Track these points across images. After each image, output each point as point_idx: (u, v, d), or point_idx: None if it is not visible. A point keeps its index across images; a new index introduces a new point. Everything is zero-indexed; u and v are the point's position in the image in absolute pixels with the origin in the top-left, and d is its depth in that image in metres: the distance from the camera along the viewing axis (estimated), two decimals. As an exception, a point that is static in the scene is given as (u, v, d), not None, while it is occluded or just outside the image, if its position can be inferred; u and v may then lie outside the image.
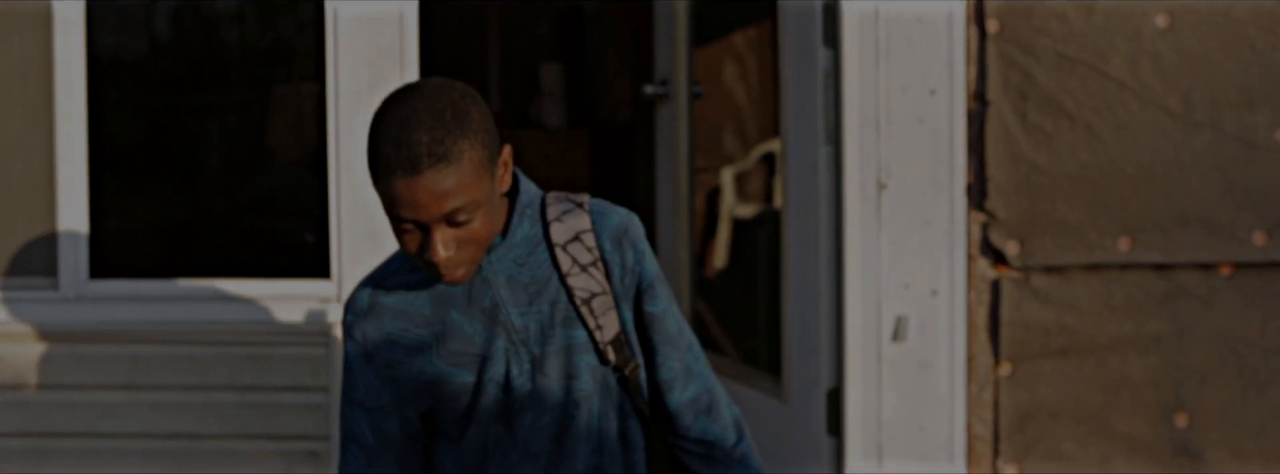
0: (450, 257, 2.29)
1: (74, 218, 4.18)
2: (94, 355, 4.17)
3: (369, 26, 4.09)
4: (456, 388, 2.44)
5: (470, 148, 2.26)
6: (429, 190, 2.22)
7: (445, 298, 2.44)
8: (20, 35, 4.23)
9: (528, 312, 2.43)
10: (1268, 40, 3.98)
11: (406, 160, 2.22)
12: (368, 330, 2.45)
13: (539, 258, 2.44)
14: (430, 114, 2.25)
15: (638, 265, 2.47)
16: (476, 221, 2.29)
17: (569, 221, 2.44)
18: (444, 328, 2.43)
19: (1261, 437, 4.02)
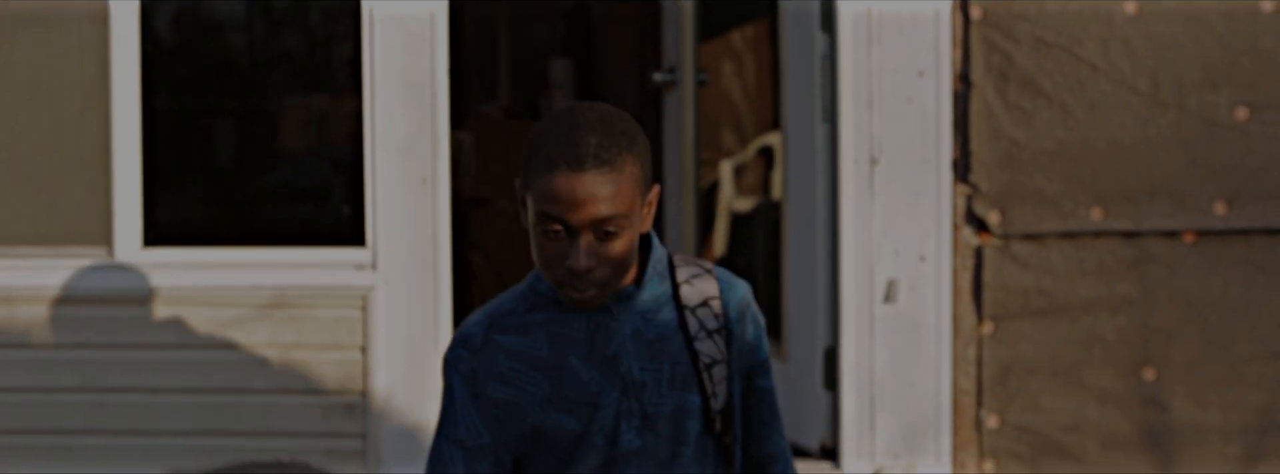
0: (590, 270, 2.20)
1: (128, 192, 4.38)
2: (147, 317, 4.38)
3: (403, 24, 4.31)
4: (562, 435, 2.31)
5: (632, 164, 2.22)
6: (588, 190, 2.16)
7: (565, 342, 2.31)
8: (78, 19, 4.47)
9: (648, 368, 2.31)
10: (1228, 26, 4.16)
11: (573, 157, 2.17)
12: (478, 367, 2.31)
13: (665, 317, 2.33)
14: (602, 124, 2.22)
15: (756, 340, 2.40)
16: (619, 241, 2.21)
17: (698, 286, 2.36)
18: (560, 373, 2.30)
19: (1222, 389, 4.22)
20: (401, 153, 4.32)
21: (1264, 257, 4.25)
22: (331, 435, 4.40)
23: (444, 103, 4.38)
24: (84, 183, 4.44)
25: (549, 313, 2.30)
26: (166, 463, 4.41)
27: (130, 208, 4.39)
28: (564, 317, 2.29)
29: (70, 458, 4.44)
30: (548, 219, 2.18)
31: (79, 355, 4.40)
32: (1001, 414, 4.17)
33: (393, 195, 4.35)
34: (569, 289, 2.22)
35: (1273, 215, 4.24)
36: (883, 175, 4.13)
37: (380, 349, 4.35)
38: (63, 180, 4.44)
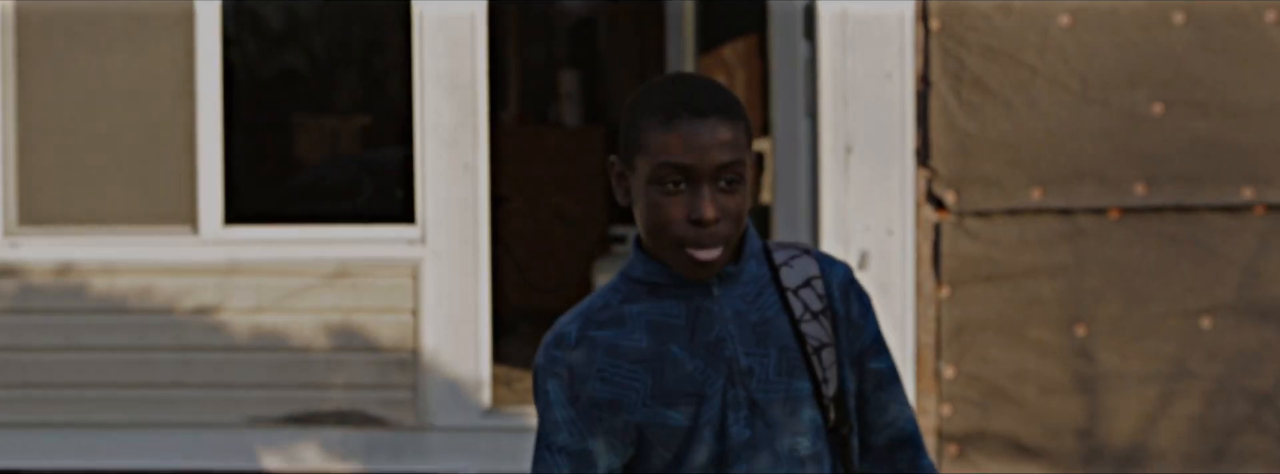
0: (717, 220, 1.96)
1: (210, 177, 4.65)
2: (226, 285, 4.65)
3: (447, 25, 4.58)
4: (668, 433, 2.02)
5: (745, 120, 2.03)
6: (713, 134, 1.96)
7: (665, 331, 2.03)
8: (163, 20, 4.69)
9: (753, 353, 2.05)
10: (1146, 35, 4.43)
11: (693, 106, 1.98)
12: (576, 366, 2.02)
13: (767, 300, 2.07)
14: (713, 83, 2.04)
15: (862, 319, 2.12)
16: (738, 197, 2.00)
17: (798, 267, 2.09)
18: (662, 364, 2.02)
19: (1141, 341, 4.48)
20: (447, 144, 4.59)
21: (1176, 229, 4.48)
22: (386, 387, 4.65)
23: (484, 98, 4.62)
24: (173, 170, 4.68)
25: (645, 302, 2.04)
26: (244, 412, 4.65)
27: (212, 191, 4.65)
28: (661, 304, 2.04)
29: (160, 409, 4.68)
30: (668, 172, 1.96)
31: (168, 319, 4.66)
32: (957, 365, 4.46)
33: (439, 180, 4.60)
34: (693, 248, 1.97)
35: (1184, 195, 4.47)
36: (856, 162, 4.47)
37: (429, 313, 4.61)
38: (154, 168, 4.69)
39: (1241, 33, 4.39)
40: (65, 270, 4.65)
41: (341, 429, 4.66)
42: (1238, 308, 4.46)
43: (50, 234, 4.70)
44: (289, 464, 4.69)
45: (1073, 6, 4.43)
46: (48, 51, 4.70)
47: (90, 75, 4.70)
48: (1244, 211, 4.43)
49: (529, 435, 4.61)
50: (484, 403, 4.66)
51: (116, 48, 4.71)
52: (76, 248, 4.67)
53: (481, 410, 4.68)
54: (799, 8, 4.51)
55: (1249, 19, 4.37)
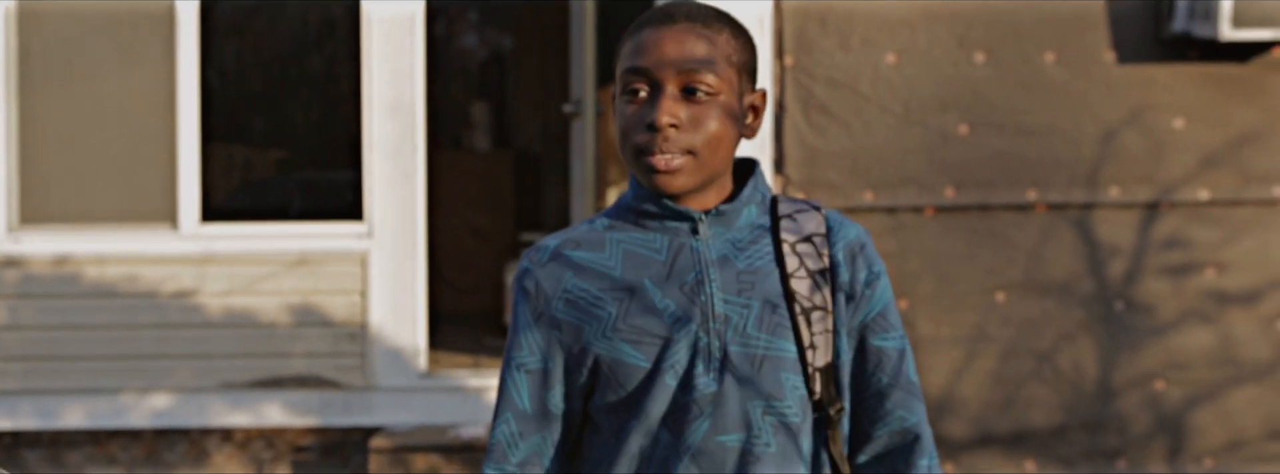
0: (674, 130, 1.68)
1: (189, 181, 4.89)
2: (203, 273, 4.89)
3: (392, 56, 4.83)
4: (625, 371, 1.72)
5: (729, 37, 1.73)
6: (676, 40, 1.69)
7: (642, 262, 1.73)
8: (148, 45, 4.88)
9: (733, 301, 1.72)
10: (954, 70, 4.81)
11: (663, 13, 1.72)
12: (543, 282, 1.75)
13: (761, 249, 1.76)
14: (704, 5, 1.76)
15: (868, 289, 1.77)
16: (710, 109, 1.69)
17: (802, 220, 1.78)
18: (631, 296, 1.72)
19: (950, 313, 4.88)
20: (391, 156, 4.93)
21: (978, 224, 4.87)
22: (339, 355, 4.93)
23: (422, 120, 4.90)
24: (156, 175, 4.91)
25: (630, 231, 1.76)
26: (217, 377, 4.88)
27: (191, 193, 4.91)
28: (646, 235, 1.75)
29: (145, 376, 4.87)
30: (630, 77, 1.71)
31: (152, 301, 4.87)
32: (806, 333, 5.03)
33: (384, 185, 4.93)
34: (650, 156, 1.69)
35: (983, 197, 4.86)
36: None
37: (375, 294, 4.92)
38: (140, 173, 4.91)
39: (1028, 69, 4.90)
40: (62, 261, 4.90)
41: (301, 391, 4.93)
42: (1025, 285, 4.90)
43: (48, 230, 4.93)
44: (256, 420, 4.94)
45: (898, 47, 4.84)
46: (46, 75, 4.92)
47: (84, 94, 4.92)
48: (1029, 210, 4.92)
49: (460, 395, 5.11)
50: (421, 367, 5.01)
51: (107, 70, 4.92)
52: (71, 242, 4.91)
53: (418, 374, 5.00)
54: None
55: (1034, 59, 4.90)
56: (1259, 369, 5.05)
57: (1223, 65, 4.92)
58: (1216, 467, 5.03)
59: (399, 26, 4.97)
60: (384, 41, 4.97)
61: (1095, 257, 4.97)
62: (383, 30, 4.97)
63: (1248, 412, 5.06)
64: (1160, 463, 5.02)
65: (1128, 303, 4.98)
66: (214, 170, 5.06)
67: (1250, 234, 5.00)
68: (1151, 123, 4.94)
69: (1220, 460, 5.04)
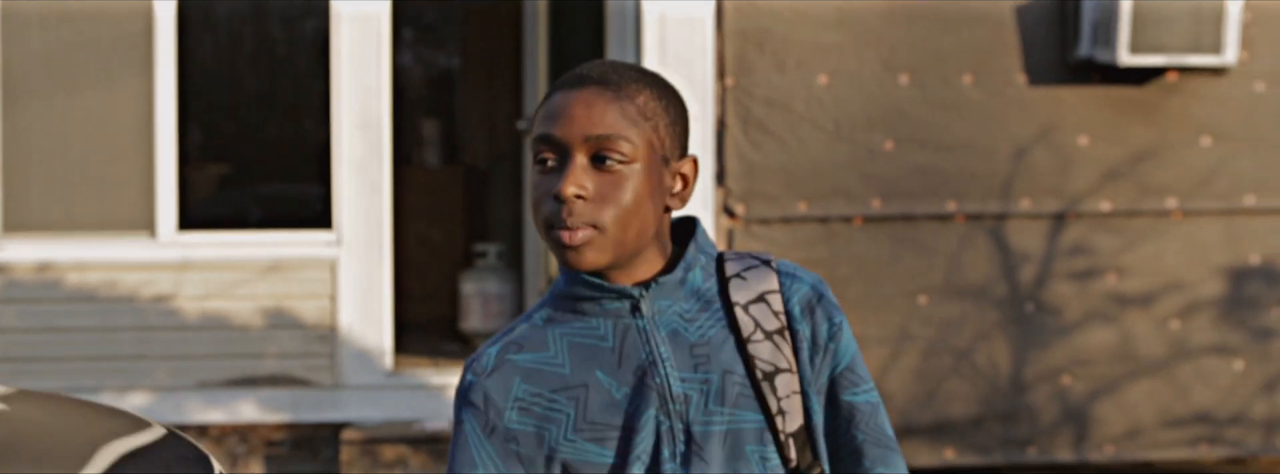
0: (579, 200, 1.54)
1: (167, 192, 5.04)
2: (181, 279, 5.05)
3: (359, 75, 5.02)
4: (593, 470, 1.61)
5: (647, 98, 1.58)
6: (584, 103, 1.54)
7: (589, 354, 1.61)
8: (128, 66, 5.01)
9: (691, 378, 1.61)
10: (880, 90, 5.00)
11: (574, 79, 1.58)
12: (492, 394, 1.61)
13: (712, 317, 1.63)
14: (623, 65, 1.63)
15: (831, 342, 1.64)
16: (624, 180, 1.55)
17: (753, 279, 1.63)
18: (585, 393, 1.60)
19: (877, 314, 5.11)
20: (358, 169, 5.11)
21: (902, 232, 5.11)
22: (309, 355, 5.09)
23: (387, 137, 5.07)
24: (135, 186, 5.08)
25: (571, 322, 1.62)
26: (194, 377, 5.01)
27: (168, 204, 5.05)
28: (588, 323, 1.61)
29: (125, 376, 5.00)
30: (539, 146, 1.57)
31: (131, 305, 5.01)
32: (745, 333, 5.28)
33: (352, 196, 5.11)
34: (557, 230, 1.55)
35: (907, 207, 5.10)
36: None
37: (343, 298, 5.11)
38: (120, 185, 5.07)
39: (948, 90, 5.16)
40: (44, 268, 5.02)
41: (273, 389, 5.07)
42: (944, 289, 5.14)
43: (32, 238, 5.05)
44: (231, 417, 5.06)
45: (829, 69, 5.06)
46: (29, 91, 5.04)
47: (66, 109, 5.05)
48: (949, 220, 5.18)
49: (423, 392, 5.35)
50: (386, 367, 5.18)
51: (88, 87, 5.06)
52: (54, 249, 5.04)
53: (385, 373, 5.17)
54: (630, 60, 5.36)
55: (953, 81, 5.17)
56: (1154, 364, 5.39)
57: (1122, 88, 5.25)
58: (1117, 453, 5.36)
59: (366, 49, 5.15)
60: (352, 63, 5.15)
61: (1008, 263, 5.25)
62: (351, 52, 5.15)
63: (1144, 403, 5.39)
64: (1067, 450, 5.33)
65: (1037, 305, 5.26)
66: (191, 182, 5.22)
67: (1146, 242, 5.33)
68: (1059, 140, 5.25)
69: (1120, 447, 5.38)
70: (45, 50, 5.07)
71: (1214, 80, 5.27)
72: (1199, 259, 5.33)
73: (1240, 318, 5.36)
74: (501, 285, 6.13)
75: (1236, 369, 5.38)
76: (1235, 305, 5.35)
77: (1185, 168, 5.29)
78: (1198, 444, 5.39)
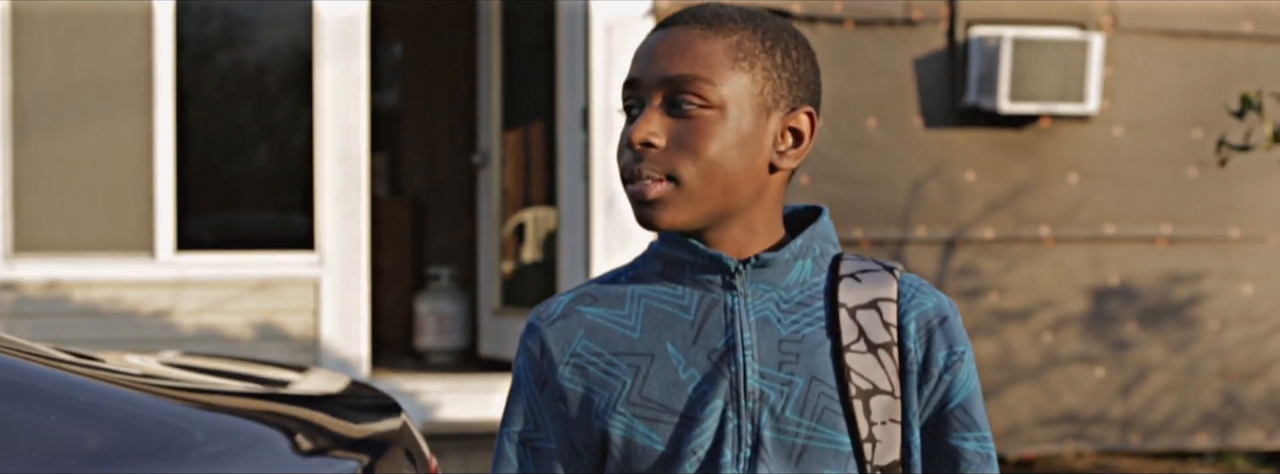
0: (652, 150, 1.31)
1: (165, 217, 5.28)
2: (178, 296, 5.28)
3: (340, 111, 5.32)
4: (638, 453, 1.35)
5: (748, 42, 1.34)
6: (667, 45, 1.33)
7: (665, 322, 1.36)
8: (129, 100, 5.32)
9: (772, 376, 1.34)
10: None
11: (667, 19, 1.37)
12: (550, 343, 1.39)
13: (811, 312, 1.36)
14: (725, 6, 1.39)
15: (947, 373, 1.36)
16: (707, 125, 1.31)
17: (868, 283, 1.37)
18: (649, 363, 1.35)
19: None
20: (338, 197, 5.41)
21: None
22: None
23: (365, 167, 5.37)
24: (136, 211, 5.30)
25: (656, 283, 1.38)
26: None
27: (166, 228, 5.30)
28: (673, 289, 1.38)
29: None
30: (624, 93, 1.37)
31: (131, 320, 5.23)
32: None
33: (333, 221, 5.40)
34: (630, 183, 1.34)
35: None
36: (616, 210, 5.48)
37: (325, 314, 5.37)
38: (122, 210, 5.28)
39: (856, 132, 5.64)
40: (52, 285, 5.21)
41: None
42: None
43: (40, 258, 5.24)
44: None
45: None
46: (38, 123, 5.24)
47: (72, 142, 5.26)
48: (856, 245, 5.65)
49: (397, 396, 5.65)
50: (364, 375, 5.46)
51: (93, 119, 5.28)
52: (61, 269, 5.23)
53: (362, 381, 5.60)
54: (578, 106, 5.68)
55: (860, 123, 5.67)
56: (1029, 371, 5.99)
57: (1003, 131, 5.84)
58: (998, 449, 5.97)
59: (346, 90, 5.50)
60: (334, 102, 5.48)
61: (907, 281, 5.88)
62: (333, 92, 5.48)
63: (1021, 405, 5.94)
64: (959, 445, 5.86)
65: (934, 318, 5.87)
66: (188, 208, 5.46)
67: (1023, 265, 5.92)
68: (949, 176, 5.80)
69: (1001, 444, 5.93)
70: (52, 86, 5.29)
71: (1080, 125, 5.92)
72: (1067, 280, 5.94)
73: (1101, 331, 5.99)
74: (454, 305, 6.52)
75: (1098, 376, 6.01)
76: (1097, 320, 5.98)
77: (1056, 201, 5.92)
78: (1065, 440, 5.97)
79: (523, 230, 6.13)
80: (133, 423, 1.89)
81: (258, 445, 2.01)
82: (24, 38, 5.25)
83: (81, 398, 1.89)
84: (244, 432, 2.00)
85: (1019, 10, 5.72)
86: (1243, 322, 5.98)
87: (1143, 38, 5.85)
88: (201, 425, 1.96)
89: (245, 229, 5.66)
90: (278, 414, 2.13)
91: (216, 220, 5.61)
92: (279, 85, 5.75)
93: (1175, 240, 5.96)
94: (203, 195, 5.55)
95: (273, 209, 5.71)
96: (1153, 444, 5.96)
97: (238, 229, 5.64)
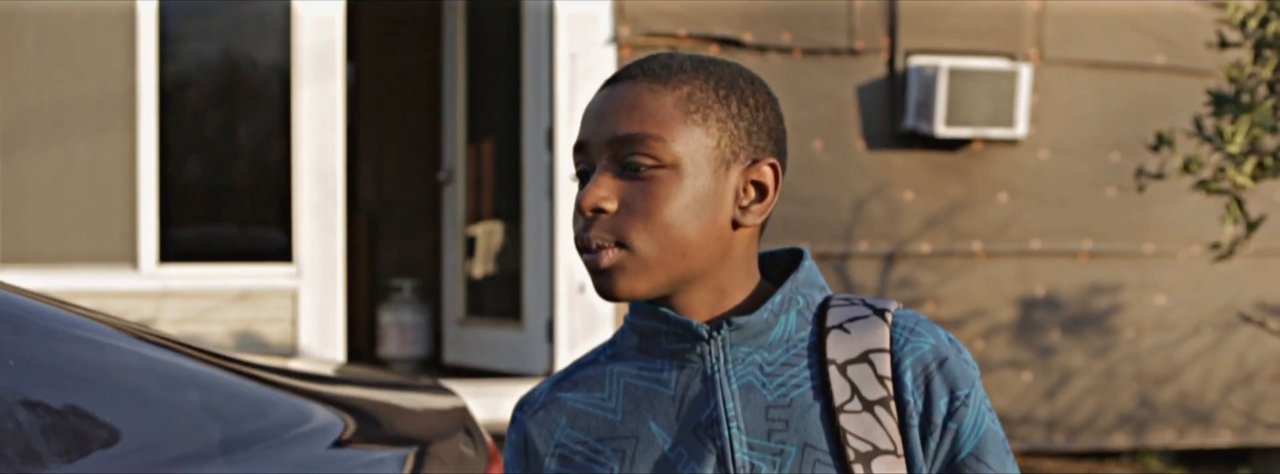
0: (603, 215, 1.21)
1: (148, 230, 5.39)
2: (162, 306, 5.36)
3: (317, 133, 5.52)
4: None
5: (698, 90, 1.23)
6: (613, 101, 1.23)
7: (646, 401, 1.27)
8: (113, 121, 5.46)
9: (762, 447, 1.24)
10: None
11: (614, 75, 1.27)
12: (534, 436, 1.30)
13: (798, 373, 1.25)
14: (691, 54, 1.28)
15: (951, 420, 1.24)
16: (658, 186, 1.20)
17: (858, 333, 1.25)
18: (634, 446, 1.26)
19: None
20: (315, 212, 5.55)
21: None
22: None
23: (341, 183, 5.50)
24: (120, 224, 5.40)
25: (634, 360, 1.29)
26: None
27: (149, 240, 5.40)
28: (651, 364, 1.28)
29: None
30: (575, 156, 1.27)
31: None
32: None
33: (310, 235, 5.54)
34: (582, 252, 1.23)
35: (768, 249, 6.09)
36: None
37: (303, 322, 5.49)
38: (107, 224, 5.37)
39: (803, 154, 5.84)
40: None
41: None
42: None
43: (27, 270, 5.30)
44: None
45: None
46: (25, 141, 5.32)
47: (58, 157, 5.34)
48: None
49: None
50: None
51: (79, 136, 5.37)
52: (47, 280, 5.27)
53: None
54: (543, 128, 5.86)
55: (807, 146, 5.87)
56: (963, 376, 6.31)
57: (939, 154, 6.13)
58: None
59: (323, 110, 5.66)
60: (311, 121, 5.65)
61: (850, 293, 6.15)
62: (311, 112, 5.64)
63: (953, 409, 6.30)
64: (898, 446, 6.14)
65: (875, 327, 6.14)
66: (171, 221, 5.55)
67: (957, 277, 6.20)
68: (889, 195, 6.06)
69: (937, 445, 6.25)
70: (39, 104, 5.38)
71: (1009, 149, 6.26)
72: (997, 291, 6.26)
73: (1028, 339, 6.32)
74: (416, 316, 6.69)
75: (1025, 380, 6.34)
76: (1025, 329, 6.31)
77: (987, 218, 6.24)
78: (997, 440, 6.27)
79: (474, 243, 6.25)
80: (273, 406, 2.09)
81: (365, 423, 2.22)
82: (11, 58, 5.33)
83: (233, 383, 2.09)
84: (345, 412, 2.21)
85: (954, 42, 6.05)
86: (1156, 330, 6.35)
87: (1067, 68, 6.21)
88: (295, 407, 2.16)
89: (226, 242, 5.73)
90: (365, 398, 2.34)
91: (198, 233, 5.68)
92: (259, 106, 5.87)
93: (1095, 255, 6.31)
94: (185, 209, 5.63)
95: (253, 223, 5.80)
96: (1075, 444, 6.29)
97: (219, 242, 5.71)
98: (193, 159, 5.75)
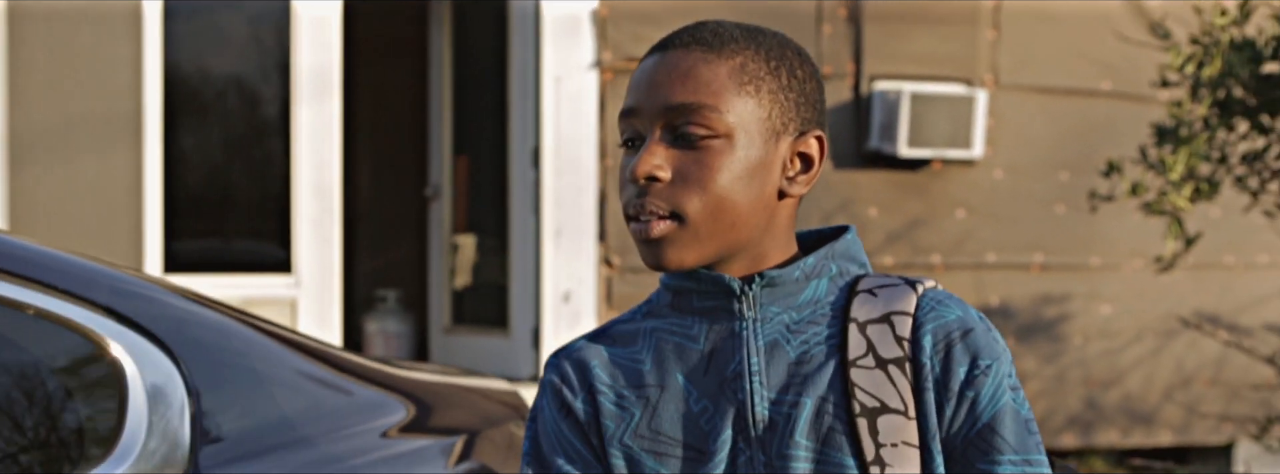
0: (656, 183, 1.22)
1: (154, 240, 5.51)
2: None
3: (316, 149, 5.71)
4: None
5: (750, 61, 1.24)
6: (665, 71, 1.23)
7: (675, 354, 1.28)
8: (120, 136, 5.49)
9: (781, 401, 1.25)
10: None
11: (662, 42, 1.27)
12: (570, 373, 1.32)
13: (821, 331, 1.26)
14: (736, 22, 1.28)
15: (968, 388, 1.23)
16: (714, 157, 1.22)
17: (884, 297, 1.27)
18: (660, 395, 1.27)
19: None
20: (314, 224, 5.70)
21: None
22: None
23: (338, 196, 5.62)
24: (126, 236, 5.51)
25: (666, 317, 1.31)
26: None
27: (155, 252, 5.53)
28: (683, 321, 1.30)
29: None
30: (622, 123, 1.27)
31: None
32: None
33: (309, 247, 5.70)
34: (633, 222, 1.26)
35: None
36: (563, 239, 5.81)
37: (301, 329, 5.39)
38: (113, 236, 5.48)
39: None
40: None
41: None
42: None
43: None
44: None
45: None
46: (35, 157, 5.42)
47: (67, 173, 5.44)
48: None
49: None
50: None
51: (85, 153, 5.47)
52: None
53: None
54: (530, 147, 6.02)
55: None
56: (922, 382, 6.57)
57: (901, 173, 6.38)
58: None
59: (321, 128, 5.82)
60: (310, 139, 5.80)
61: (817, 303, 6.38)
62: (309, 129, 5.81)
63: (912, 413, 6.56)
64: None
65: (842, 335, 6.37)
66: (175, 233, 5.67)
67: (917, 288, 6.58)
68: (855, 211, 6.31)
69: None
70: (47, 122, 5.47)
71: (966, 169, 6.56)
72: (955, 301, 6.56)
73: (982, 347, 6.59)
74: (400, 325, 6.85)
75: (980, 385, 6.60)
76: (980, 337, 6.58)
77: (945, 233, 6.53)
78: (955, 442, 6.52)
79: (458, 254, 6.33)
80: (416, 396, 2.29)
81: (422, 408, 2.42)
82: (21, 77, 5.43)
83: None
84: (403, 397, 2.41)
85: (915, 68, 6.34)
86: (1101, 337, 6.67)
87: (1019, 94, 6.53)
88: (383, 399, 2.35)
89: (228, 253, 5.87)
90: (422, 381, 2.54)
91: (202, 245, 5.81)
92: (260, 124, 6.03)
93: (1046, 268, 6.62)
94: (189, 222, 5.75)
95: (254, 236, 5.95)
96: (1029, 445, 6.54)
97: (221, 253, 5.85)
98: (197, 172, 5.89)
